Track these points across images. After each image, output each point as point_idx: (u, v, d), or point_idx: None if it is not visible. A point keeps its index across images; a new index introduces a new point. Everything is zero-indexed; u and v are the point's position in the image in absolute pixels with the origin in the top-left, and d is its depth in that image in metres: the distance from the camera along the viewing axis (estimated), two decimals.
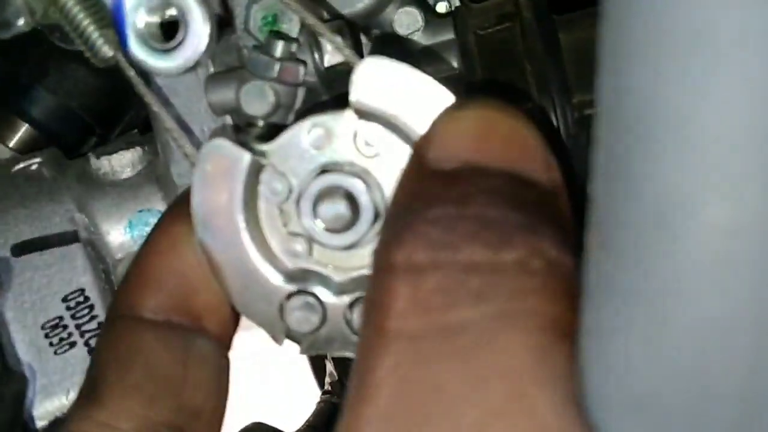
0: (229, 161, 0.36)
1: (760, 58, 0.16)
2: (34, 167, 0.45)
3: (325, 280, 0.37)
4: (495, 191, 0.27)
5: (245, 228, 0.36)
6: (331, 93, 0.43)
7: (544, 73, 0.41)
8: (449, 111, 0.31)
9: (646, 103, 0.18)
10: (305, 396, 0.69)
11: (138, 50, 0.35)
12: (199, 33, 0.35)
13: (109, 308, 0.37)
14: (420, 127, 0.34)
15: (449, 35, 0.48)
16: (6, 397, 0.33)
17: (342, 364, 0.58)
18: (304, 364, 0.71)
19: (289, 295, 0.37)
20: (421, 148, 0.30)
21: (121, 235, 0.46)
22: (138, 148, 0.47)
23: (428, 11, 0.49)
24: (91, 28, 0.35)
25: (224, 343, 0.36)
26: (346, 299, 0.37)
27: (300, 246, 0.37)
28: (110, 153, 0.46)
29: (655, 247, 0.18)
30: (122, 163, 0.46)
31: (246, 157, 0.36)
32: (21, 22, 0.35)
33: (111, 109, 0.52)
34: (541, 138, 0.30)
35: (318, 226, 0.36)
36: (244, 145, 0.36)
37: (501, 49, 0.42)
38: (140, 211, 0.46)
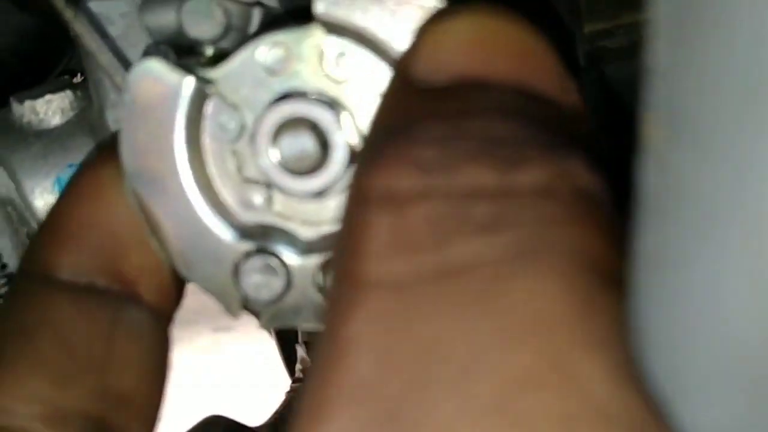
0: (166, 88, 0.29)
1: None
2: None
3: (289, 238, 0.30)
4: (502, 106, 0.21)
5: (189, 173, 0.30)
6: (287, 12, 0.37)
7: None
8: (437, 18, 0.24)
9: None
10: (272, 387, 0.62)
11: None
12: None
13: (18, 269, 0.30)
14: (401, 40, 0.28)
15: None
16: None
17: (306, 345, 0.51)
18: (270, 352, 0.64)
19: (246, 256, 0.30)
20: (405, 63, 0.23)
21: (48, 193, 0.39)
22: (68, 92, 0.40)
23: None
24: None
25: (163, 314, 0.30)
26: (316, 260, 0.30)
27: (257, 195, 0.30)
28: (35, 97, 0.39)
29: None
30: (50, 109, 0.39)
31: (188, 81, 0.29)
32: None
33: (43, 53, 0.45)
34: (556, 53, 0.23)
35: (278, 167, 0.29)
36: (186, 69, 0.29)
37: None
38: (70, 166, 0.39)
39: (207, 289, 0.31)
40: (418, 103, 0.21)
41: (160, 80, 0.29)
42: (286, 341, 0.57)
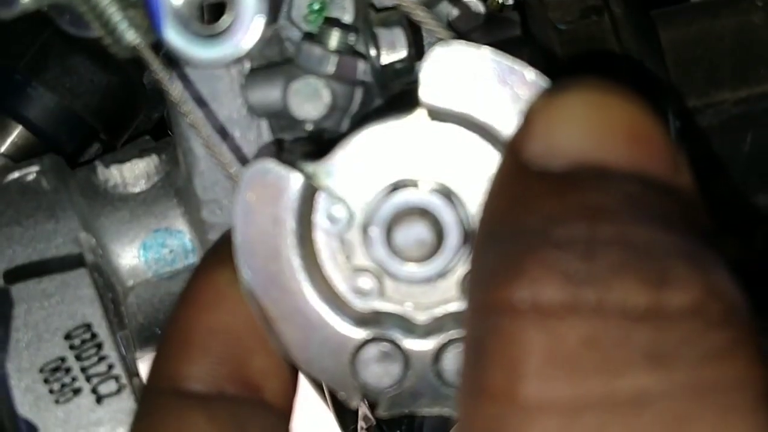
0: (277, 186, 0.29)
1: None
2: (31, 177, 0.38)
3: (404, 322, 0.30)
4: (635, 202, 0.21)
5: (301, 266, 0.30)
6: (387, 95, 0.37)
7: (641, 74, 0.35)
8: (548, 96, 0.24)
9: None
10: None
11: (175, 35, 0.28)
12: (250, 15, 0.28)
13: (146, 382, 0.29)
14: (509, 124, 0.28)
15: (515, 31, 0.42)
16: None
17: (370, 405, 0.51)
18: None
19: (362, 344, 0.30)
20: (517, 145, 0.23)
21: (134, 258, 0.39)
22: (154, 156, 0.40)
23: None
24: (113, 8, 0.29)
25: (285, 413, 0.30)
26: (432, 343, 0.30)
27: (369, 282, 0.30)
28: (121, 161, 0.39)
29: None
30: (135, 173, 0.39)
31: (297, 178, 0.29)
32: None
33: (119, 111, 0.45)
34: (665, 126, 0.23)
35: (394, 259, 0.29)
36: (292, 164, 0.29)
37: (589, 47, 0.36)
38: (156, 231, 0.39)
39: (326, 381, 0.30)
40: (539, 193, 0.21)
41: (272, 179, 0.29)
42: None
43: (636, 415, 0.17)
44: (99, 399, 0.35)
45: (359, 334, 0.30)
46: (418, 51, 0.36)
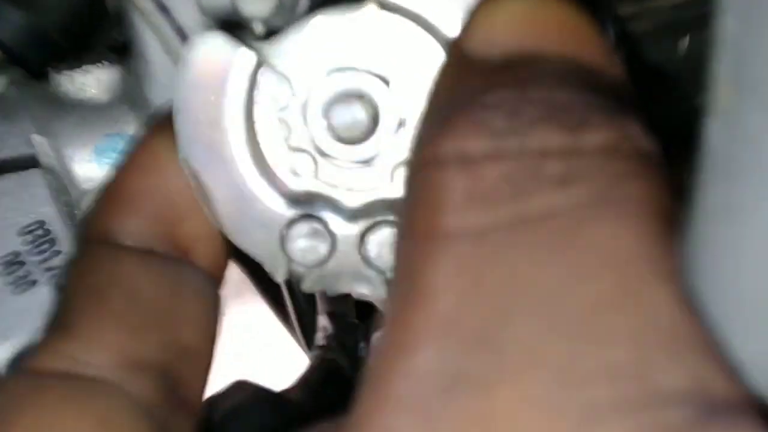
0: (223, 60, 0.30)
1: None
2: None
3: (334, 204, 0.32)
4: (560, 74, 0.22)
5: (240, 141, 0.31)
6: None
7: None
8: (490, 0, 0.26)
9: None
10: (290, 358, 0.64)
11: None
12: None
13: (80, 234, 0.31)
14: (456, 23, 0.29)
15: None
16: None
17: (337, 317, 0.53)
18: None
19: (292, 222, 0.31)
20: (461, 41, 0.25)
21: (87, 162, 0.40)
22: (105, 64, 0.41)
23: None
24: None
25: (215, 277, 0.31)
26: (359, 226, 0.31)
27: (305, 163, 0.31)
28: (73, 68, 0.40)
29: None
30: (88, 80, 0.40)
31: (243, 52, 0.30)
32: None
33: (86, 29, 0.46)
34: (596, 26, 0.25)
35: (329, 136, 0.30)
36: (241, 42, 0.31)
37: None
38: (108, 135, 0.40)
39: (254, 254, 0.32)
40: (479, 76, 0.23)
41: (219, 52, 0.30)
42: (304, 313, 0.59)
43: (541, 227, 0.19)
44: (57, 288, 0.36)
45: (291, 211, 0.31)
46: None
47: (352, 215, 0.31)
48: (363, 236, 0.31)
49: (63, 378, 0.25)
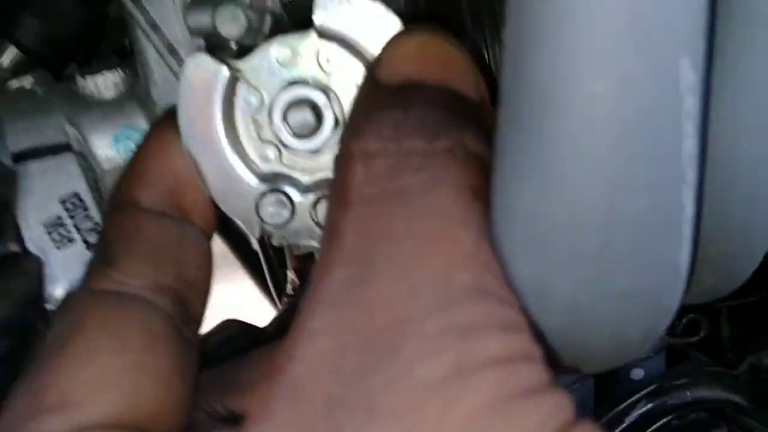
0: (210, 74, 0.42)
1: None
2: (28, 85, 0.50)
3: (293, 181, 0.43)
4: (433, 99, 0.34)
5: (224, 135, 0.43)
6: (292, 20, 0.49)
7: (478, 10, 0.47)
8: (397, 36, 0.38)
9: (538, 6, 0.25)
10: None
11: None
12: None
13: (110, 199, 0.43)
14: (373, 49, 0.40)
15: None
16: (31, 273, 0.39)
17: (302, 272, 0.65)
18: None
19: (263, 194, 0.43)
20: (373, 66, 0.37)
21: (108, 148, 0.51)
22: (119, 70, 0.52)
23: None
24: None
25: (208, 233, 0.43)
26: (312, 197, 0.43)
27: (271, 151, 0.43)
28: (94, 73, 0.51)
29: (544, 118, 0.24)
30: (106, 83, 0.51)
31: (224, 71, 0.42)
32: None
33: (91, 36, 0.57)
34: (471, 59, 0.37)
35: (287, 133, 0.42)
36: (222, 61, 0.42)
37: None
38: (123, 127, 0.51)
39: (235, 217, 0.44)
40: (380, 96, 0.34)
41: (206, 69, 0.42)
42: (274, 270, 0.71)
43: (402, 196, 0.30)
44: (88, 246, 0.48)
45: (262, 186, 0.43)
46: None
47: (306, 189, 0.43)
48: (314, 204, 0.43)
49: (114, 293, 0.37)
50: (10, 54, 0.56)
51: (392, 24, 0.40)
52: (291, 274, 0.65)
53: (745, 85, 0.29)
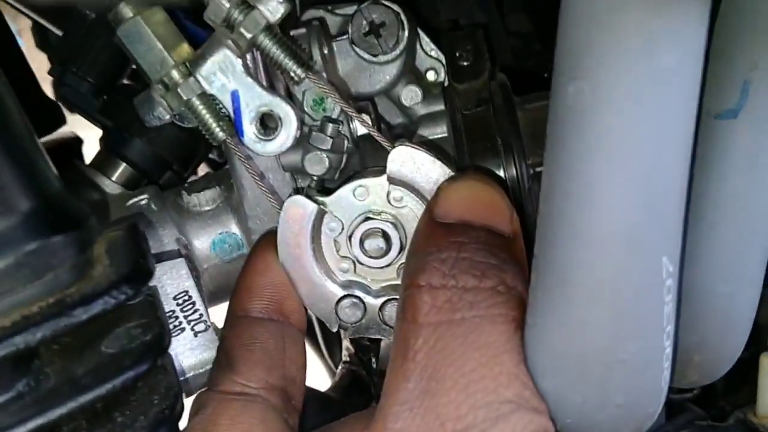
0: (303, 210, 0.54)
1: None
2: (143, 202, 0.63)
3: (365, 288, 0.56)
4: (478, 240, 0.46)
5: (311, 254, 0.55)
6: (359, 152, 0.61)
7: (509, 143, 0.60)
8: (449, 181, 0.51)
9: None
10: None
11: (248, 138, 0.53)
12: (291, 128, 0.53)
13: (227, 313, 0.55)
14: (430, 191, 0.53)
15: (440, 107, 0.66)
16: (169, 366, 0.50)
17: (357, 341, 0.77)
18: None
19: (341, 298, 0.55)
20: (431, 206, 0.49)
21: (207, 250, 0.64)
22: (217, 187, 0.64)
23: (423, 82, 0.67)
24: (211, 120, 0.53)
25: (303, 332, 0.55)
26: (380, 300, 0.56)
27: (348, 265, 0.56)
28: (198, 191, 0.64)
29: (564, 288, 0.37)
30: (206, 198, 0.64)
31: (314, 207, 0.54)
32: (166, 117, 0.53)
33: (188, 154, 0.70)
34: (507, 200, 0.49)
35: (362, 254, 0.55)
36: (311, 198, 0.55)
37: (479, 126, 0.61)
38: (220, 233, 0.64)
39: (319, 316, 0.56)
40: (436, 234, 0.46)
41: (300, 206, 0.54)
42: (329, 338, 0.84)
43: (460, 327, 0.42)
44: (195, 334, 0.60)
45: (340, 292, 0.55)
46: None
47: (376, 294, 0.56)
48: (382, 307, 0.56)
49: (238, 394, 0.49)
50: (120, 170, 0.69)
51: (444, 174, 0.53)
52: (346, 342, 0.77)
53: (718, 245, 0.42)
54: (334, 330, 0.57)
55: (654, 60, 0.33)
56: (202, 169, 0.82)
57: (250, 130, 0.53)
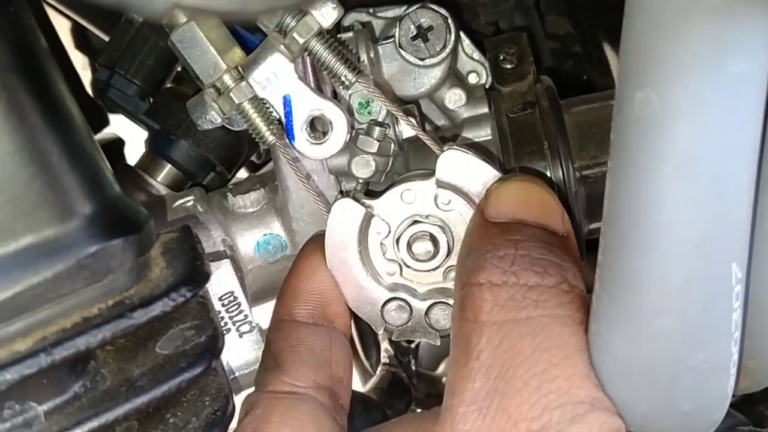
0: (351, 213, 0.55)
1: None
2: (189, 204, 0.63)
3: (411, 291, 0.56)
4: (535, 238, 0.45)
5: (358, 258, 0.55)
6: (405, 155, 0.62)
7: (556, 147, 0.60)
8: (500, 181, 0.50)
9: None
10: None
11: (299, 143, 0.53)
12: (341, 131, 0.54)
13: (272, 316, 0.55)
14: (478, 194, 0.53)
15: (484, 109, 0.66)
16: (219, 368, 0.51)
17: (396, 343, 0.77)
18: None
19: (387, 301, 0.56)
20: (483, 207, 0.48)
21: (252, 252, 0.64)
22: (261, 189, 0.65)
23: (465, 84, 0.67)
24: (261, 123, 0.54)
25: (348, 336, 0.55)
26: (426, 303, 0.56)
27: (394, 268, 0.56)
28: (243, 193, 0.64)
29: (633, 295, 0.37)
30: (251, 200, 0.64)
31: (361, 210, 0.54)
32: (218, 120, 0.53)
33: (233, 156, 0.70)
34: (558, 200, 0.49)
35: (410, 257, 0.55)
36: (359, 201, 0.55)
37: (525, 129, 0.61)
38: (265, 235, 0.64)
39: (365, 319, 0.56)
40: (491, 233, 0.46)
41: (348, 209, 0.54)
42: (366, 339, 0.84)
43: (527, 327, 0.41)
44: (240, 335, 0.60)
45: (387, 295, 0.55)
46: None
47: (423, 297, 0.56)
48: (428, 310, 0.56)
49: (287, 393, 0.50)
50: (165, 171, 0.69)
51: (493, 175, 0.53)
52: (385, 344, 0.78)
53: None
54: (380, 332, 0.57)
55: (722, 67, 0.33)
56: (242, 171, 0.83)
57: (301, 133, 0.53)
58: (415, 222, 0.55)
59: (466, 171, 0.53)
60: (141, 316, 0.40)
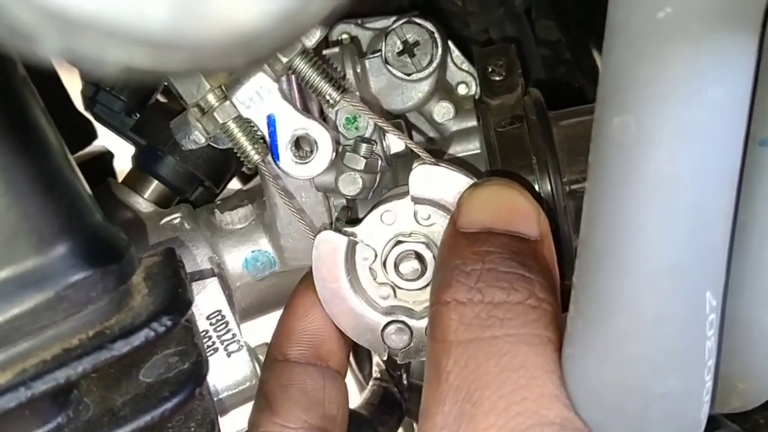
0: (335, 245, 0.54)
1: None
2: (176, 221, 0.63)
3: (408, 311, 0.55)
4: (503, 248, 0.44)
5: (349, 287, 0.55)
6: (392, 170, 0.61)
7: (545, 161, 0.59)
8: (471, 189, 0.49)
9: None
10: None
11: (284, 162, 0.53)
12: (326, 151, 0.53)
13: (266, 355, 0.55)
14: (454, 203, 0.52)
15: (472, 122, 0.66)
16: (206, 393, 0.50)
17: (387, 357, 0.77)
18: None
19: (386, 325, 0.55)
20: (454, 217, 0.47)
21: (240, 269, 0.64)
22: (249, 206, 0.64)
23: (454, 96, 0.66)
24: (246, 143, 0.53)
25: (343, 373, 0.55)
26: (425, 322, 0.55)
27: (387, 291, 0.55)
28: (230, 209, 0.64)
29: (606, 318, 0.36)
30: (239, 216, 0.64)
31: (344, 239, 0.54)
32: (202, 140, 0.53)
33: (221, 172, 0.70)
34: (533, 201, 0.47)
35: (399, 278, 0.54)
36: (340, 231, 0.54)
37: (514, 143, 0.60)
38: (253, 251, 0.64)
39: (367, 346, 0.56)
40: (461, 245, 0.44)
41: (330, 242, 0.54)
42: (357, 353, 0.84)
43: (493, 346, 0.40)
44: (228, 354, 0.60)
45: (384, 319, 0.55)
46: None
47: (420, 316, 0.55)
48: (428, 327, 0.55)
49: None
50: (152, 187, 0.69)
51: (466, 183, 0.52)
52: (377, 359, 0.77)
53: (761, 273, 0.41)
54: (384, 359, 0.56)
55: (701, 93, 0.32)
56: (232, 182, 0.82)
57: (286, 153, 0.53)
58: (399, 242, 0.54)
59: (438, 183, 0.52)
60: (122, 347, 0.40)
